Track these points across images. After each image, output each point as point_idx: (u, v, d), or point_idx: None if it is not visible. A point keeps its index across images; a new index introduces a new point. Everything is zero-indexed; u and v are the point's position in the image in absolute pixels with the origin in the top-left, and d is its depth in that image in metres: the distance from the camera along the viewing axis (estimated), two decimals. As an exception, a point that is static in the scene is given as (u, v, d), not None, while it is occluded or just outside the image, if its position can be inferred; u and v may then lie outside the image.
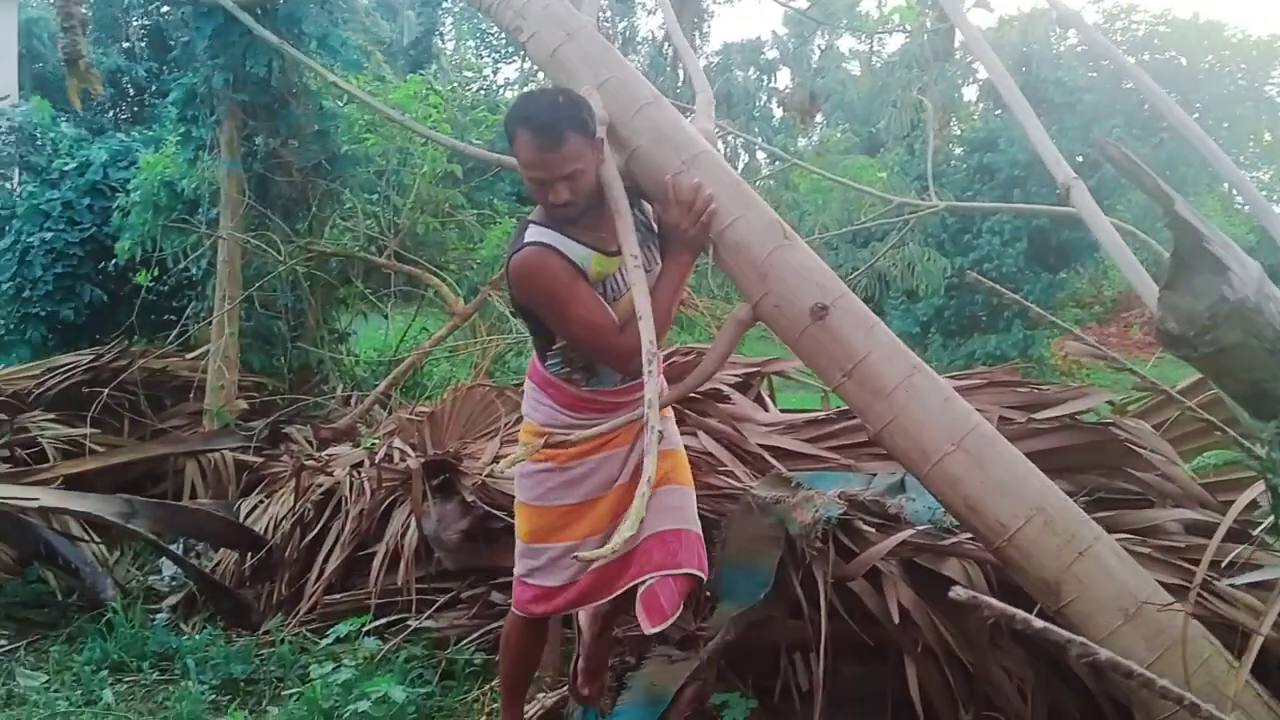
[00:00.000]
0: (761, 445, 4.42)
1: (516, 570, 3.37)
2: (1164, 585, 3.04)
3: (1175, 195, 1.89)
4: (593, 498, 3.21)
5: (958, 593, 1.38)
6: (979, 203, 13.46)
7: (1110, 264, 15.56)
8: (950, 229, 16.32)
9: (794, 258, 2.85)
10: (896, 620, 3.36)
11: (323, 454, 6.06)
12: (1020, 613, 1.39)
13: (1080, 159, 14.86)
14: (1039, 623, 1.41)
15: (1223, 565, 3.05)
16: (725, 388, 4.72)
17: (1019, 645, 3.25)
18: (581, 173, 2.86)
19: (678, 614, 3.20)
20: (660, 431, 2.70)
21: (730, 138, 19.39)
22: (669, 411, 3.43)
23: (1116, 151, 1.90)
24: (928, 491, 2.85)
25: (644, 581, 3.18)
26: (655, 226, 3.11)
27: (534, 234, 2.98)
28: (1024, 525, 2.62)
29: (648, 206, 3.10)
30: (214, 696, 4.32)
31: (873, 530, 3.61)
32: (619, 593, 3.26)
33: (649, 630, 3.26)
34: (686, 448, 4.44)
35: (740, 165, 20.68)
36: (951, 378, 4.48)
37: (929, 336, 16.75)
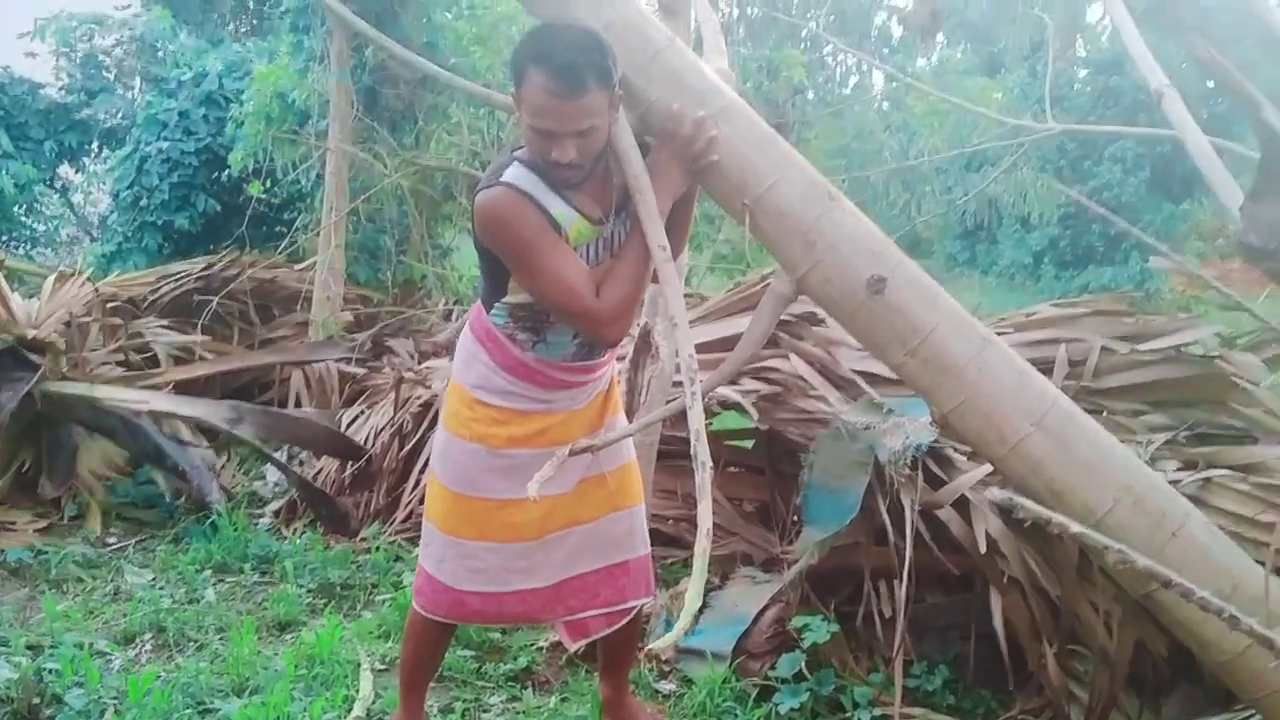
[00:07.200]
0: (855, 370, 4.37)
1: (420, 555, 3.04)
2: (1260, 524, 2.97)
3: (1263, 100, 1.80)
4: (520, 498, 2.69)
5: (993, 494, 1.36)
6: (1098, 126, 13.01)
7: (1237, 194, 14.97)
8: (1070, 155, 15.82)
9: (844, 222, 2.58)
10: (983, 550, 3.31)
11: (423, 367, 6.14)
12: (1056, 515, 1.36)
13: (1211, 84, 14.28)
14: (1076, 526, 1.38)
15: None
16: (820, 311, 4.66)
17: (1108, 580, 3.18)
18: (596, 130, 2.48)
19: (611, 628, 3.07)
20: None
21: (842, 56, 18.95)
22: (619, 409, 3.12)
23: (1206, 53, 1.82)
24: (1004, 473, 2.68)
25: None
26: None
27: (513, 175, 2.59)
28: (1113, 508, 2.49)
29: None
30: (311, 599, 4.45)
31: (963, 458, 3.55)
32: (550, 620, 3.09)
33: (569, 645, 3.16)
34: (777, 370, 4.46)
35: (851, 84, 20.25)
36: (1055, 304, 4.38)
37: (1042, 267, 16.35)
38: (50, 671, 3.54)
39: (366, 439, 5.54)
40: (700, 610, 3.87)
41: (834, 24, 19.12)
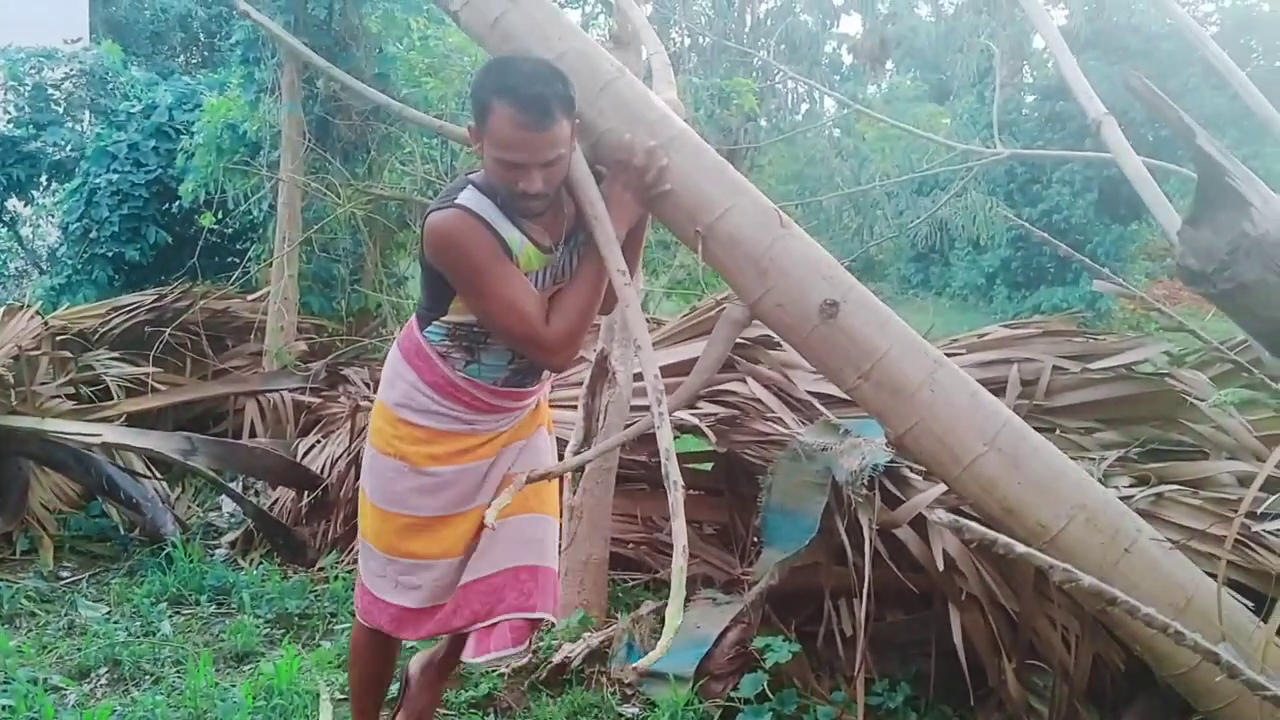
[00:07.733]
0: (811, 392, 4.40)
1: (360, 569, 2.99)
2: (1212, 536, 3.02)
3: (1198, 129, 1.84)
4: (446, 514, 2.80)
5: (939, 516, 1.37)
6: (1044, 150, 13.21)
7: (1182, 215, 15.23)
8: (1019, 179, 16.04)
9: (796, 249, 2.60)
10: (941, 568, 3.34)
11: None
12: (1002, 537, 1.38)
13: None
14: (1020, 548, 1.39)
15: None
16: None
17: (1065, 595, 3.22)
18: (561, 159, 2.49)
19: (518, 648, 2.86)
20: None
21: (793, 83, 19.11)
22: (543, 419, 3.02)
23: (1140, 84, 1.86)
24: (959, 492, 2.72)
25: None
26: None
27: (467, 198, 2.57)
28: (1066, 525, 2.52)
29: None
30: (268, 630, 4.42)
31: (920, 478, 3.58)
32: (462, 629, 2.87)
33: (472, 659, 2.88)
34: (734, 394, 4.48)
35: (802, 111, 20.41)
36: (1006, 326, 4.44)
37: (994, 288, 16.54)
38: (4, 708, 3.48)
39: (322, 468, 5.50)
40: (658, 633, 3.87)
41: (784, 52, 19.26)
